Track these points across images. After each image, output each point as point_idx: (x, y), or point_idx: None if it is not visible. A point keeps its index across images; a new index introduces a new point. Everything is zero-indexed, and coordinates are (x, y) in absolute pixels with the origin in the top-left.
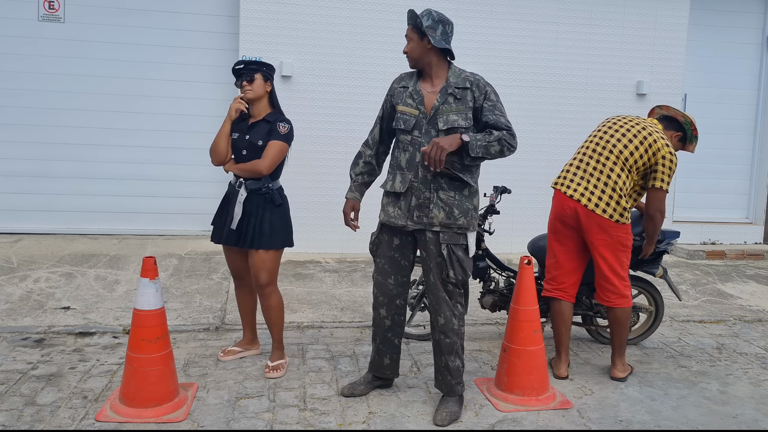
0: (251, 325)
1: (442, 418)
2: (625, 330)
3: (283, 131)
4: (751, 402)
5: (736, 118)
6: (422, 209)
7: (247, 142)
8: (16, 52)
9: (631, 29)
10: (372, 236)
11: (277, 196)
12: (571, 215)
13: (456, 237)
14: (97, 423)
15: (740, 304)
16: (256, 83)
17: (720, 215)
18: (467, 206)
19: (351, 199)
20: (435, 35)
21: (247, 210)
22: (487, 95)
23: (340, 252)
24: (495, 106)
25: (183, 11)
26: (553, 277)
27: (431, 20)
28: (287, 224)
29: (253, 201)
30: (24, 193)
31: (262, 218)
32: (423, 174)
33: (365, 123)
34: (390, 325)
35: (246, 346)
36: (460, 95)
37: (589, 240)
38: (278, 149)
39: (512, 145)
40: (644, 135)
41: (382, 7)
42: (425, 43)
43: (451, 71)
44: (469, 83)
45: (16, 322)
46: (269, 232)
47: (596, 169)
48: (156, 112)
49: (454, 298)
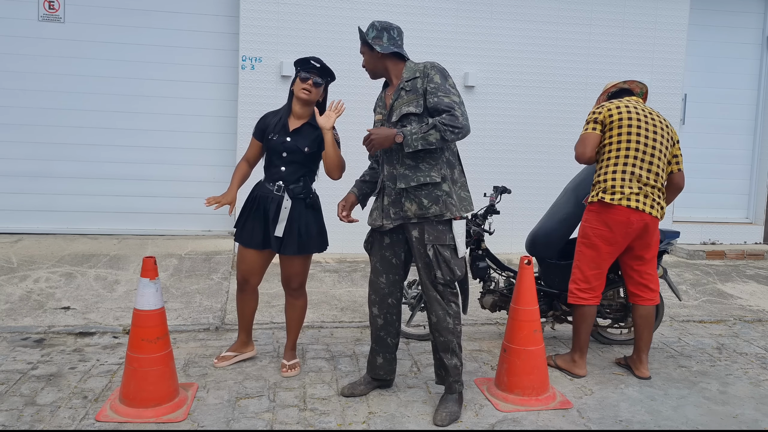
0: (248, 327)
1: (442, 418)
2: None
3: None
4: (751, 402)
5: (736, 118)
6: (396, 205)
7: (291, 145)
8: (16, 52)
9: (631, 29)
10: (367, 234)
11: (317, 201)
12: (640, 227)
13: (442, 237)
14: (97, 423)
15: (740, 304)
16: (318, 89)
17: (720, 215)
18: (436, 194)
19: (348, 193)
20: (382, 43)
21: (289, 216)
22: (430, 78)
23: (340, 252)
24: (438, 88)
25: (183, 11)
26: (593, 287)
27: (375, 30)
28: (324, 227)
29: (296, 207)
30: (24, 193)
31: (307, 223)
32: (389, 171)
33: (365, 123)
34: (382, 324)
35: (240, 349)
36: (410, 87)
37: (648, 243)
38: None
39: (454, 125)
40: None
41: (382, 7)
42: (376, 54)
43: (406, 68)
44: (419, 72)
45: (16, 322)
46: (316, 235)
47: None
48: (156, 112)
49: (447, 297)
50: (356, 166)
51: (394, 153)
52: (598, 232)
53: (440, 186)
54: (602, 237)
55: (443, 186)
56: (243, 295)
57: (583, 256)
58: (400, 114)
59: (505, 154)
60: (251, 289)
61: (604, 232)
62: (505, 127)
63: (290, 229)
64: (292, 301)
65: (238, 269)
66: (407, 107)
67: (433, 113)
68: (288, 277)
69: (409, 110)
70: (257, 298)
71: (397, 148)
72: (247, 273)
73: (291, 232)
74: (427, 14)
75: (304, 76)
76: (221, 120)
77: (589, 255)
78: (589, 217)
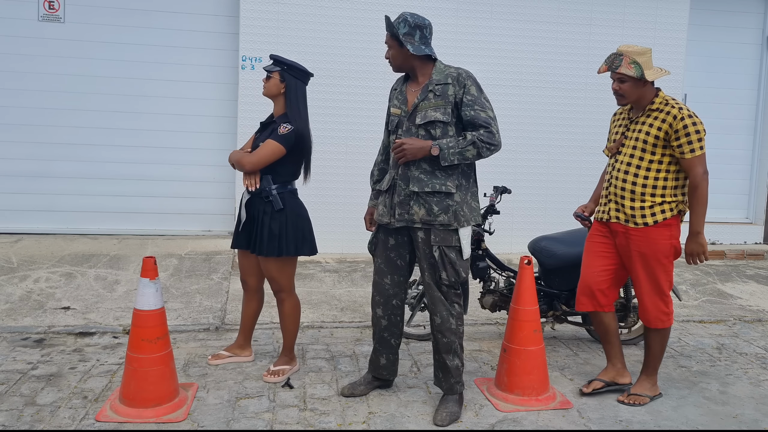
0: (246, 330)
1: (442, 418)
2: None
3: (282, 131)
4: (751, 402)
5: (736, 118)
6: (403, 206)
7: (257, 142)
8: (16, 52)
9: (631, 29)
10: (371, 235)
11: (277, 200)
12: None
13: (448, 238)
14: (97, 423)
15: (740, 304)
16: (270, 82)
17: (720, 215)
18: (447, 203)
19: (370, 207)
20: (414, 42)
21: (251, 214)
22: (466, 89)
23: (340, 252)
24: (475, 101)
25: (183, 11)
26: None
27: (407, 27)
28: (294, 231)
29: (256, 205)
30: (24, 193)
31: (262, 224)
32: (403, 171)
33: (365, 123)
34: (386, 325)
35: (236, 351)
36: (440, 91)
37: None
38: (270, 149)
39: (491, 143)
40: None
41: (382, 7)
42: (405, 51)
43: (436, 69)
44: (451, 79)
45: (16, 322)
46: (267, 240)
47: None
48: (156, 112)
49: (450, 299)
50: (355, 165)
51: None
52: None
53: (452, 196)
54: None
55: (455, 196)
56: (244, 295)
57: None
58: (426, 119)
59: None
60: (250, 290)
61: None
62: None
63: (251, 227)
64: (277, 304)
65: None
66: (434, 113)
67: (467, 126)
68: (267, 280)
69: (436, 117)
70: (260, 300)
71: None
72: (241, 272)
73: (251, 230)
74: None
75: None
76: (221, 120)
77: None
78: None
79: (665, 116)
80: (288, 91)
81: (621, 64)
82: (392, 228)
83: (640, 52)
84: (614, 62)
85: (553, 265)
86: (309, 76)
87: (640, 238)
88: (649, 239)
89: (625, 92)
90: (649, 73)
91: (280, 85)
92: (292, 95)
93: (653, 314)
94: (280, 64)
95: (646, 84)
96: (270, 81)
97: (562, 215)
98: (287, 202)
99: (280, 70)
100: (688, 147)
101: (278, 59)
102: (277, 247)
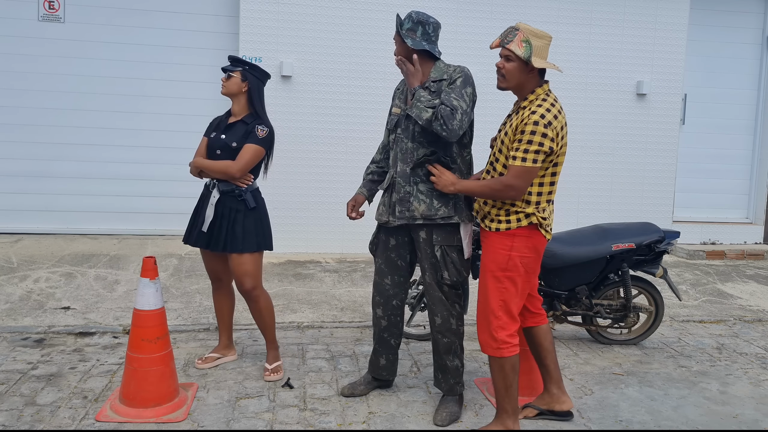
0: (227, 329)
1: (442, 418)
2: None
3: (261, 135)
4: (751, 402)
5: (736, 118)
6: (403, 203)
7: (222, 142)
8: (16, 52)
9: (631, 29)
10: (372, 236)
11: (250, 199)
12: None
13: (450, 238)
14: (97, 423)
15: (740, 304)
16: (231, 80)
17: (720, 215)
18: (447, 196)
19: (356, 194)
20: (415, 37)
21: (219, 212)
22: (453, 81)
23: (340, 252)
24: (454, 89)
25: (183, 11)
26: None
27: (411, 22)
28: (263, 227)
29: (226, 203)
30: (24, 193)
31: (235, 221)
32: (402, 168)
33: (365, 123)
34: (386, 326)
35: (222, 351)
36: (435, 88)
37: None
38: (253, 153)
39: (446, 124)
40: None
41: (382, 7)
42: (406, 46)
43: (435, 67)
44: (446, 75)
45: (16, 322)
46: (242, 236)
47: None
48: (155, 112)
49: (451, 299)
50: (356, 165)
51: (410, 152)
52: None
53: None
54: (534, 266)
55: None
56: (214, 294)
57: (502, 291)
58: None
59: None
60: (224, 286)
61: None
62: None
63: (219, 225)
64: (250, 305)
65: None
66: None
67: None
68: (235, 279)
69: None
70: (231, 297)
71: (414, 147)
72: (209, 271)
73: (220, 228)
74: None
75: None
76: None
77: (528, 287)
78: (519, 245)
79: (523, 114)
80: (251, 90)
81: (512, 40)
82: (392, 228)
83: (540, 35)
84: (507, 36)
85: (553, 265)
86: (267, 76)
87: (485, 242)
88: (488, 245)
89: (507, 73)
90: (536, 60)
91: (241, 84)
92: (255, 95)
93: (481, 335)
94: (241, 63)
95: (531, 72)
96: (230, 80)
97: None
98: (257, 199)
99: (241, 70)
100: (514, 153)
101: (239, 59)
102: (256, 243)
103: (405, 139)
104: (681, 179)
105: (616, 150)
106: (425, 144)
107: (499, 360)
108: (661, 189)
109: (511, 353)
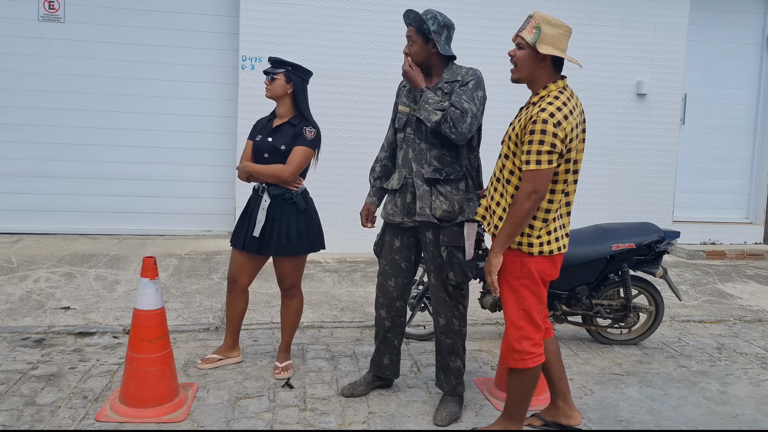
0: (235, 330)
1: (442, 418)
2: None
3: (310, 136)
4: (751, 402)
5: (736, 118)
6: (424, 200)
7: (270, 145)
8: (16, 52)
9: (631, 29)
10: (377, 237)
11: (301, 201)
12: None
13: (456, 239)
14: (97, 423)
15: (740, 304)
16: (275, 83)
17: (720, 215)
18: (464, 197)
19: (368, 203)
20: (440, 40)
21: (270, 216)
22: (465, 83)
23: (340, 252)
24: (465, 91)
25: (183, 11)
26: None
27: (437, 25)
28: (314, 228)
29: (277, 207)
30: (24, 193)
31: (288, 225)
32: (417, 169)
33: (365, 123)
34: (390, 326)
35: (225, 353)
36: (448, 89)
37: None
38: (304, 155)
39: (456, 127)
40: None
41: (382, 7)
42: (430, 47)
43: (447, 68)
44: (460, 77)
45: (16, 322)
46: (296, 239)
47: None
48: (156, 112)
49: (455, 300)
50: (355, 165)
51: (424, 152)
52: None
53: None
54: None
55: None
56: (231, 295)
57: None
58: None
59: None
60: (239, 290)
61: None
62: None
63: (271, 229)
64: (285, 301)
65: (229, 268)
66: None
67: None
68: (278, 277)
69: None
70: (246, 300)
71: (427, 148)
72: (235, 272)
73: (272, 232)
74: None
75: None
76: (221, 120)
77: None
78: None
79: (532, 111)
80: (296, 91)
81: (525, 27)
82: (399, 229)
83: (554, 23)
84: (523, 25)
85: None
86: (310, 74)
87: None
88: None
89: (518, 61)
90: (544, 46)
91: (286, 85)
92: (300, 95)
93: (504, 344)
94: (283, 65)
95: (543, 62)
96: (275, 83)
97: None
98: (307, 200)
99: (285, 71)
100: (526, 157)
101: (280, 60)
102: (309, 244)
103: (417, 140)
104: (681, 179)
105: (616, 150)
106: (438, 145)
107: (522, 371)
108: (661, 189)
109: (536, 363)
